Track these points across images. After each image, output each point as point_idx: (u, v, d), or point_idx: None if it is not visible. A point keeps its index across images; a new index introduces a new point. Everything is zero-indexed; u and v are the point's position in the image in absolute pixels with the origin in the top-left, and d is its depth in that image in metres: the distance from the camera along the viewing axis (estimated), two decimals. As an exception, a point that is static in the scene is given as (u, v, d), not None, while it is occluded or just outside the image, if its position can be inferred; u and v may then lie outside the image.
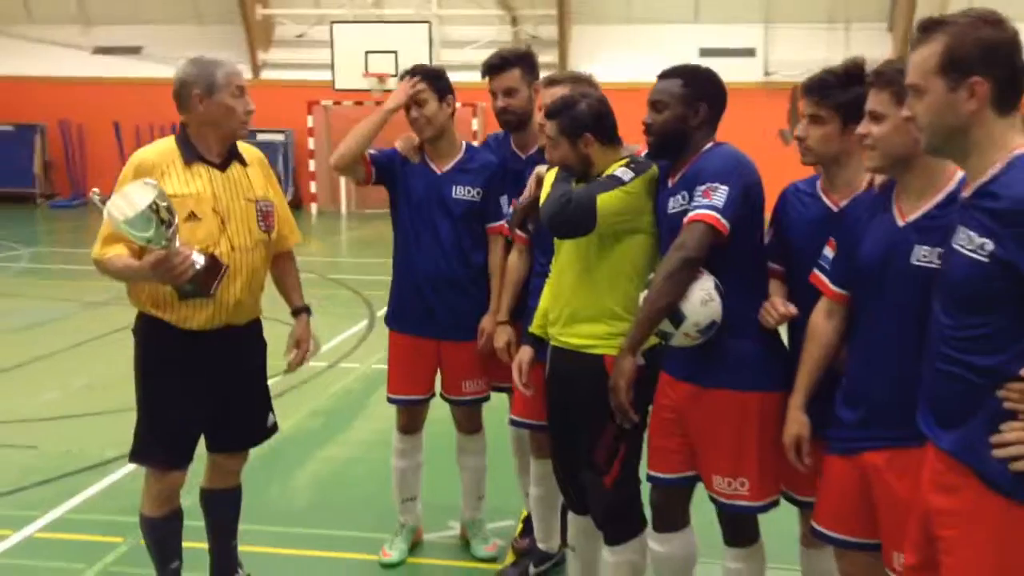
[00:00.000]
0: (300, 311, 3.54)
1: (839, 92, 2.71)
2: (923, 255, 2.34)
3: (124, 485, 4.76)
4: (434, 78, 3.77)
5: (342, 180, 18.63)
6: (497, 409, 4.05)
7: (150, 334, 3.24)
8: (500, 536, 4.17)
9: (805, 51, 17.16)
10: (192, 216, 3.14)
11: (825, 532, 2.67)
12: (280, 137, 18.59)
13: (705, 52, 18.96)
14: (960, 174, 2.30)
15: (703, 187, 2.81)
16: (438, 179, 3.83)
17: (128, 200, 2.86)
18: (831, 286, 2.69)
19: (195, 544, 3.55)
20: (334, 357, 7.34)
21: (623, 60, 17.92)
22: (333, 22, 17.57)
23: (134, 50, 20.62)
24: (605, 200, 2.98)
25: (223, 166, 3.25)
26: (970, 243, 2.03)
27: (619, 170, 3.06)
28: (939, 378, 2.13)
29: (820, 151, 2.79)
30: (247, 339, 3.36)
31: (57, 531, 4.29)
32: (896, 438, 2.41)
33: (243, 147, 3.35)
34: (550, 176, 3.23)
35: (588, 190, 3.00)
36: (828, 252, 2.71)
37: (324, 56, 17.47)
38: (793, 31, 18.10)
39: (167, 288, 3.10)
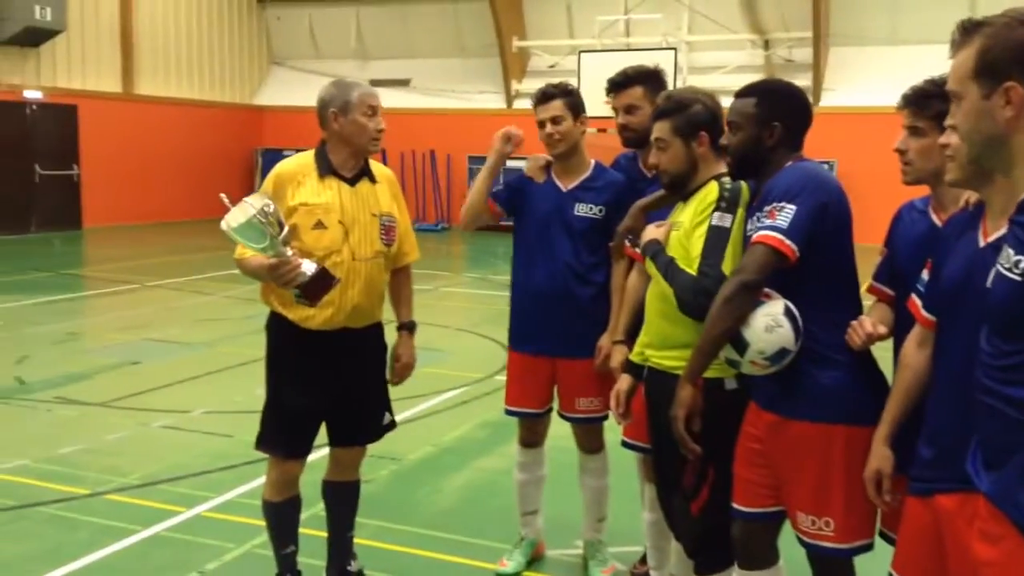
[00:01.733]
0: (402, 327, 3.69)
1: (938, 102, 2.46)
2: (997, 277, 2.07)
3: (292, 476, 5.14)
4: (569, 96, 3.82)
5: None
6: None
7: (277, 330, 3.50)
8: (623, 560, 4.08)
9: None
10: (319, 224, 3.37)
11: (900, 580, 2.41)
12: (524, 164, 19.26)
13: (979, 74, 17.55)
14: None
15: (769, 207, 2.67)
16: (562, 196, 3.85)
17: (243, 210, 3.11)
18: (923, 312, 2.44)
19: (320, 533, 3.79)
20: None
21: (886, 84, 16.82)
22: (581, 51, 17.96)
23: (404, 82, 22.16)
24: (730, 264, 2.86)
25: (353, 181, 3.47)
26: (1008, 261, 1.78)
27: (715, 217, 2.92)
28: (981, 412, 1.88)
29: (920, 165, 2.57)
30: (365, 341, 3.54)
31: (223, 512, 4.69)
32: (968, 480, 2.13)
33: (375, 166, 3.57)
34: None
35: (711, 268, 2.84)
36: (925, 275, 2.46)
37: (573, 85, 17.92)
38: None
39: (287, 292, 3.34)
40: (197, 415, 6.36)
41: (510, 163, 4.14)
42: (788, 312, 2.64)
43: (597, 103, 19.29)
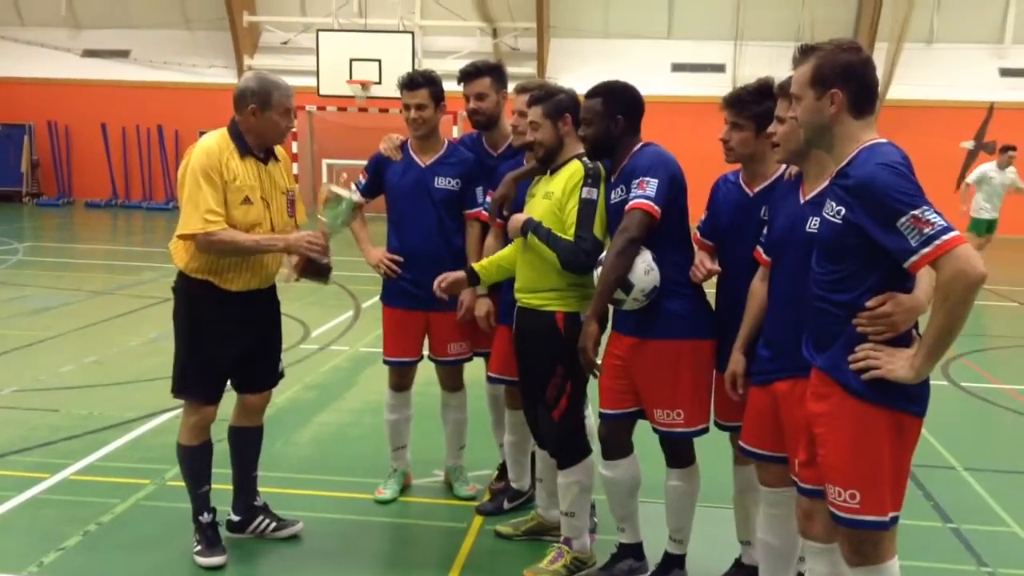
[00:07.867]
0: None
1: (754, 105, 3.40)
2: (815, 224, 3.00)
3: (146, 440, 5.38)
4: (433, 85, 4.42)
5: (324, 185, 19.34)
6: (474, 384, 4.74)
7: (195, 293, 3.85)
8: (479, 482, 4.81)
9: (773, 68, 17.71)
10: (247, 200, 3.80)
11: (747, 448, 3.35)
12: (265, 141, 19.21)
13: (677, 67, 19.76)
14: None
15: (637, 180, 3.50)
16: (422, 171, 4.47)
17: (343, 193, 4.02)
18: (764, 256, 3.37)
19: (220, 486, 4.17)
20: (324, 341, 7.94)
21: (599, 73, 18.23)
22: (319, 30, 18.17)
23: (122, 53, 21.14)
24: (598, 229, 3.68)
25: (264, 161, 3.90)
26: (831, 210, 2.71)
27: (585, 191, 3.72)
28: (813, 313, 2.81)
29: (739, 151, 3.48)
30: (269, 298, 4.03)
31: (89, 475, 4.88)
32: (796, 369, 3.03)
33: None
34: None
35: (585, 232, 3.64)
36: (765, 231, 3.38)
37: (309, 63, 18.04)
38: (762, 49, 18.77)
39: (222, 261, 3.80)
40: (8, 394, 6.27)
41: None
42: (654, 259, 3.49)
43: (339, 82, 19.93)
